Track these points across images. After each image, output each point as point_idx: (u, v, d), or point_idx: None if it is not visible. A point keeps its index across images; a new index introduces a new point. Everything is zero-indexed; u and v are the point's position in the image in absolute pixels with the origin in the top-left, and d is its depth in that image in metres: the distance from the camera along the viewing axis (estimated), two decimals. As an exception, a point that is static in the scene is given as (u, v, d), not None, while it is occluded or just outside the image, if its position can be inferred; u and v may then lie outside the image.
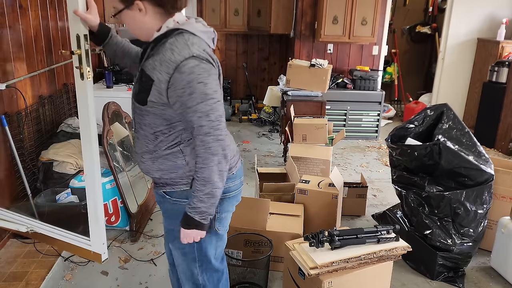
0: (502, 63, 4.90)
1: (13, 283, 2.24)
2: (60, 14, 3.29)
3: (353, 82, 5.27)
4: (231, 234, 2.50)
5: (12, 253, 2.51)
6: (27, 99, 2.79)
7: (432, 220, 2.53)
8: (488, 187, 2.49)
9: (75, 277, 2.50)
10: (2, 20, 2.47)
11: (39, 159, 2.85)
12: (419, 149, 2.50)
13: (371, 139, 5.36)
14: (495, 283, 2.56)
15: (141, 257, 2.71)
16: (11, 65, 2.60)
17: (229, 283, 2.39)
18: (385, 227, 2.14)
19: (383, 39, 5.49)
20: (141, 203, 3.10)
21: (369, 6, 4.97)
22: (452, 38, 5.67)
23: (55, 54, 3.24)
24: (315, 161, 3.47)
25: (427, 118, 2.70)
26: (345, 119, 5.28)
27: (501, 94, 4.83)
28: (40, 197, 2.69)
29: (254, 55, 6.50)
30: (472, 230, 2.52)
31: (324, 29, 5.04)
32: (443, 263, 2.52)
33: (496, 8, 5.54)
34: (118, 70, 4.14)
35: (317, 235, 2.01)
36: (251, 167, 4.28)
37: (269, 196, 2.89)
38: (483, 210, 2.50)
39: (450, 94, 5.78)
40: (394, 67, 6.60)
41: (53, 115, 3.21)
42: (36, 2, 2.90)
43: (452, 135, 2.54)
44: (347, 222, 3.26)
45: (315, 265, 1.93)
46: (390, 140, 2.72)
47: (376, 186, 3.93)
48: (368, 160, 4.64)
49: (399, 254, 2.10)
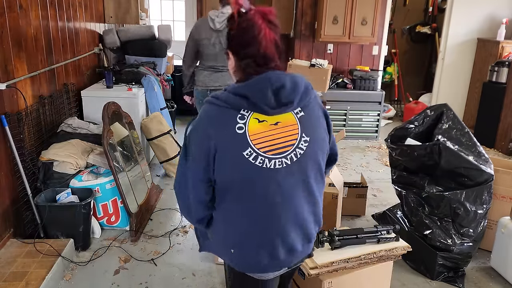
0: (502, 63, 4.90)
1: (13, 283, 2.24)
2: (60, 14, 3.29)
3: (353, 82, 5.27)
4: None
5: (12, 253, 2.51)
6: (27, 99, 2.79)
7: (432, 220, 2.53)
8: (488, 187, 2.49)
9: (75, 277, 2.50)
10: (2, 20, 2.47)
11: (39, 159, 2.85)
12: (419, 149, 2.50)
13: (371, 139, 5.36)
14: (495, 283, 2.56)
15: (141, 257, 2.71)
16: (11, 65, 2.60)
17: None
18: (385, 227, 2.14)
19: (383, 39, 5.49)
20: (141, 203, 3.10)
21: (369, 6, 4.97)
22: (452, 38, 5.67)
23: (55, 54, 3.24)
24: (315, 161, 3.46)
25: (427, 118, 2.70)
26: (345, 119, 5.28)
27: (501, 94, 4.83)
28: (40, 197, 2.69)
29: (254, 55, 6.48)
30: (472, 230, 2.52)
31: (324, 29, 5.04)
32: (443, 263, 2.52)
33: (496, 8, 5.53)
34: (118, 70, 4.14)
35: (317, 235, 2.01)
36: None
37: (269, 196, 2.89)
38: (483, 210, 2.50)
39: (450, 94, 5.78)
40: (394, 67, 6.60)
41: (53, 115, 3.21)
42: (36, 2, 2.90)
43: (452, 135, 2.54)
44: (347, 222, 3.26)
45: (315, 265, 1.93)
46: (390, 140, 2.72)
47: (376, 186, 3.93)
48: (368, 160, 4.64)
49: (399, 254, 2.10)
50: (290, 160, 1.28)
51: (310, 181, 1.34)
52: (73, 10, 3.59)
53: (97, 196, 2.88)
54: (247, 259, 1.36)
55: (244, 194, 1.29)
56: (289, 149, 1.28)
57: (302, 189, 1.33)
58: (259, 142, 1.25)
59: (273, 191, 1.28)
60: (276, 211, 1.30)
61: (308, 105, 1.33)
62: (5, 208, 2.57)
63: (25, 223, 2.77)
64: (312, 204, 1.37)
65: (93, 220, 2.88)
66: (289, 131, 1.29)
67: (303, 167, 1.31)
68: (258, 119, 1.26)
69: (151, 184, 3.47)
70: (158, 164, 4.07)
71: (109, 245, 2.81)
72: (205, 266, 2.65)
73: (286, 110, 1.28)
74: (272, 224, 1.31)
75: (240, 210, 1.32)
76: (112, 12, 4.48)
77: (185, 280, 2.51)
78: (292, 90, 1.26)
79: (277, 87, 1.24)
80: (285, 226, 1.32)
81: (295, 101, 1.27)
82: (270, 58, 1.30)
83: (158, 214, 3.27)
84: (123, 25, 4.95)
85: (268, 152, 1.26)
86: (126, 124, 3.37)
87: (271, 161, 1.26)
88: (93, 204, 2.83)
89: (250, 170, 1.25)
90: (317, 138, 1.34)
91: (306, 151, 1.30)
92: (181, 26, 6.99)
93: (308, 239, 1.39)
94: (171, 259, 2.71)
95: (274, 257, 1.33)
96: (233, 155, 1.25)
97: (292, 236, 1.34)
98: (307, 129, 1.31)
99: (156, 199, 3.47)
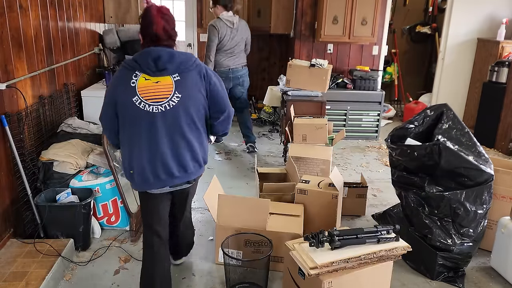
0: (502, 63, 4.90)
1: (13, 283, 2.24)
2: (60, 14, 3.29)
3: (353, 82, 5.27)
4: (231, 234, 2.51)
5: (12, 253, 2.51)
6: (27, 99, 2.79)
7: (432, 220, 2.53)
8: (488, 187, 2.49)
9: (75, 277, 2.50)
10: (2, 20, 2.47)
11: (39, 159, 2.85)
12: (419, 149, 2.50)
13: (371, 139, 5.36)
14: (495, 283, 2.56)
15: (141, 257, 2.70)
16: (11, 65, 2.60)
17: (229, 283, 2.40)
18: (385, 227, 2.14)
19: (383, 39, 5.49)
20: (141, 203, 3.10)
21: (369, 6, 4.97)
22: (452, 38, 5.67)
23: (55, 54, 3.24)
24: (315, 161, 3.47)
25: (427, 118, 2.70)
26: (345, 119, 5.28)
27: (501, 94, 4.83)
28: (40, 197, 2.69)
29: (254, 55, 6.49)
30: (472, 230, 2.52)
31: (324, 29, 5.04)
32: (443, 263, 2.52)
33: (496, 8, 5.53)
34: (118, 70, 4.13)
35: (317, 235, 2.01)
36: (251, 167, 4.28)
37: (269, 196, 2.89)
38: (483, 210, 2.50)
39: (450, 94, 5.78)
40: (394, 67, 6.59)
41: (53, 115, 3.21)
42: (36, 2, 2.90)
43: (452, 135, 2.54)
44: (347, 222, 3.26)
45: (315, 265, 1.93)
46: (390, 140, 2.72)
47: (376, 186, 3.93)
48: (368, 160, 4.64)
49: (399, 254, 2.10)
50: (164, 108, 1.92)
51: (182, 125, 1.96)
52: (73, 10, 3.59)
53: (97, 196, 2.88)
54: (140, 178, 1.99)
55: (133, 128, 1.95)
56: (164, 100, 1.92)
57: (177, 131, 1.96)
58: (143, 93, 1.92)
59: (153, 128, 1.93)
60: (156, 143, 1.94)
61: (186, 72, 1.97)
62: (5, 208, 2.57)
63: (25, 223, 2.77)
64: (186, 143, 2.00)
65: (93, 220, 2.88)
66: (165, 89, 1.93)
67: (175, 115, 1.94)
68: (145, 78, 1.93)
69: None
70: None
71: (109, 245, 2.81)
72: (205, 266, 2.65)
73: (163, 74, 1.93)
74: (155, 152, 1.95)
75: (133, 140, 1.97)
76: (112, 12, 4.48)
77: (185, 280, 2.51)
78: (168, 61, 1.93)
79: (155, 58, 1.91)
80: (163, 155, 1.96)
81: (169, 68, 1.93)
82: (160, 37, 1.96)
83: (158, 214, 3.27)
84: (123, 25, 4.95)
85: (148, 100, 1.91)
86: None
87: (150, 106, 1.91)
88: (93, 204, 2.83)
89: (136, 111, 1.92)
90: (190, 96, 1.96)
91: (177, 104, 1.93)
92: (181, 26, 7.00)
93: (184, 169, 2.02)
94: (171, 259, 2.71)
95: (157, 177, 1.98)
96: (127, 100, 1.92)
97: (170, 163, 1.98)
98: (180, 89, 1.94)
99: (156, 199, 3.46)
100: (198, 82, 1.99)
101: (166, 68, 1.92)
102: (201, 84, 2.00)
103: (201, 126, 2.05)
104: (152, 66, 1.91)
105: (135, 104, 1.90)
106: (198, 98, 1.99)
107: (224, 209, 2.56)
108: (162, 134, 1.93)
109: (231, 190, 3.72)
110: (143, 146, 1.94)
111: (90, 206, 2.76)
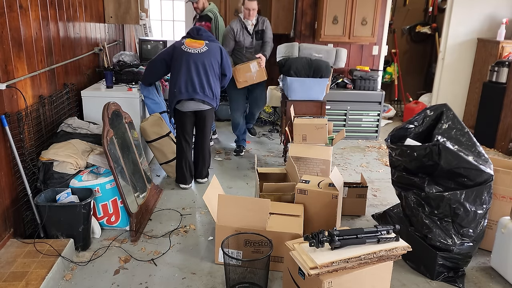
0: (502, 63, 4.90)
1: (13, 283, 2.24)
2: (60, 14, 3.29)
3: (353, 82, 5.27)
4: (231, 234, 2.51)
5: (12, 253, 2.51)
6: (27, 99, 2.79)
7: (432, 220, 2.53)
8: (488, 187, 2.49)
9: (75, 277, 2.50)
10: (2, 20, 2.47)
11: (39, 159, 2.85)
12: (419, 149, 2.50)
13: (371, 139, 5.36)
14: (495, 283, 2.56)
15: (141, 257, 2.71)
16: (11, 65, 2.60)
17: (229, 283, 2.40)
18: (385, 227, 2.14)
19: (383, 39, 5.50)
20: (141, 203, 3.10)
21: (369, 6, 4.97)
22: (452, 38, 5.67)
23: (55, 54, 3.24)
24: (315, 161, 3.47)
25: (426, 118, 2.70)
26: (345, 119, 5.28)
27: (501, 94, 4.83)
28: (40, 197, 2.70)
29: (254, 55, 6.49)
30: (472, 230, 2.53)
31: (324, 29, 5.04)
32: (443, 263, 2.52)
33: (496, 8, 5.54)
34: (118, 70, 4.14)
35: (317, 235, 2.01)
36: (251, 167, 4.28)
37: (269, 196, 2.89)
38: (482, 210, 2.50)
39: (450, 94, 5.78)
40: (394, 67, 6.60)
41: (53, 115, 3.21)
42: (36, 2, 2.90)
43: (452, 135, 2.54)
44: (347, 222, 3.26)
45: (315, 265, 1.93)
46: (389, 141, 2.72)
47: (376, 186, 3.93)
48: (368, 160, 4.64)
49: (399, 254, 2.10)
50: (197, 52, 3.52)
51: (205, 64, 3.52)
52: (73, 10, 3.59)
53: (97, 196, 2.88)
54: (178, 91, 3.48)
55: (179, 63, 3.50)
56: (198, 48, 3.53)
57: (201, 68, 3.51)
58: (188, 44, 3.55)
59: (189, 63, 3.49)
60: (189, 71, 3.48)
61: (212, 42, 3.64)
62: (5, 208, 2.57)
63: (25, 223, 2.77)
64: (206, 77, 3.52)
65: (93, 220, 2.88)
66: (199, 44, 3.56)
67: (202, 58, 3.51)
68: (190, 39, 3.60)
69: (151, 184, 3.47)
70: (158, 164, 4.07)
71: (109, 245, 2.82)
72: (205, 266, 2.65)
73: (200, 38, 3.60)
74: (187, 77, 3.48)
75: (178, 71, 3.51)
76: (112, 12, 4.49)
77: (185, 280, 2.52)
78: (203, 32, 3.67)
79: (196, 30, 3.67)
80: (192, 79, 3.48)
81: (203, 36, 3.62)
82: None
83: (158, 214, 3.27)
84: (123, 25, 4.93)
85: (189, 47, 3.53)
86: (126, 124, 3.36)
87: (190, 49, 3.52)
88: (93, 204, 2.83)
89: (182, 52, 3.52)
90: (211, 53, 3.57)
91: (205, 52, 3.54)
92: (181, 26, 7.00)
93: (202, 90, 3.51)
94: (171, 259, 2.72)
95: (187, 91, 3.48)
96: (179, 48, 3.55)
97: (195, 84, 3.48)
98: (207, 48, 3.57)
99: (156, 199, 3.47)
100: (217, 51, 3.63)
101: (201, 34, 3.61)
102: (218, 54, 3.63)
103: (216, 74, 3.60)
104: (194, 33, 3.62)
105: (182, 49, 3.51)
106: (215, 57, 3.60)
107: (224, 209, 2.56)
108: (193, 67, 3.47)
109: (231, 190, 3.72)
110: (182, 73, 3.47)
111: (90, 206, 2.76)
